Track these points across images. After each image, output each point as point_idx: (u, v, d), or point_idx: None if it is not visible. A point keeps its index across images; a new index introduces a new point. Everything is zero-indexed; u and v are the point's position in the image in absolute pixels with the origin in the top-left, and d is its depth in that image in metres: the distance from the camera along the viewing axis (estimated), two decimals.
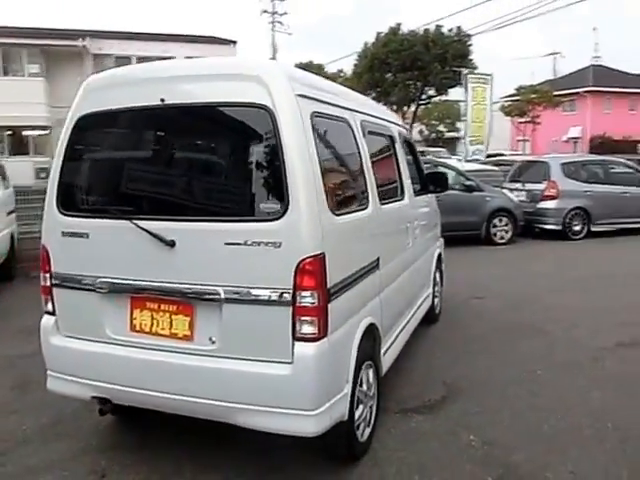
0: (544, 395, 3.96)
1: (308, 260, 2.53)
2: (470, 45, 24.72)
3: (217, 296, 2.66)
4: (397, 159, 4.31)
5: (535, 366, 4.47)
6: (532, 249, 10.62)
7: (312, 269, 2.54)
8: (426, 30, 24.78)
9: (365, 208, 3.27)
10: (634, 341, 5.06)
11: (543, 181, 11.42)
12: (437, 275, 5.67)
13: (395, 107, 27.68)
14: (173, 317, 2.80)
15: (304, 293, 2.54)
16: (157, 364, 2.81)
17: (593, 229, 11.38)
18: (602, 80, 38.33)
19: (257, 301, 2.60)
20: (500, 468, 3.03)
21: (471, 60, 24.89)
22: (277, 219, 2.55)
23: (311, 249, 2.55)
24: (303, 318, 2.56)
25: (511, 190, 11.82)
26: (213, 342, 2.72)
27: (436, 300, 5.64)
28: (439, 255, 5.79)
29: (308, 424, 2.60)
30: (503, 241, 10.76)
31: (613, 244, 10.95)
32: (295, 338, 2.57)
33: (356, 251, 3.12)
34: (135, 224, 2.75)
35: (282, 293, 2.56)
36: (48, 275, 3.09)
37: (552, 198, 11.27)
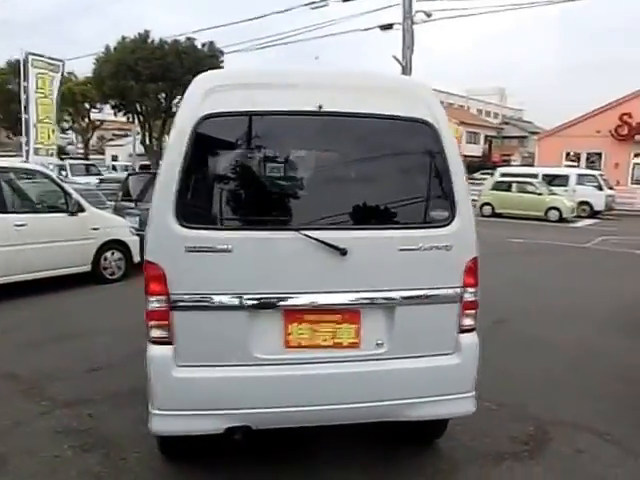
0: None
1: (472, 261, 2.89)
2: (222, 61, 25.57)
3: (392, 300, 2.78)
4: None
5: None
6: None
7: (474, 268, 2.90)
8: (176, 41, 24.73)
9: None
10: None
11: None
12: None
13: (142, 119, 26.81)
14: (337, 326, 2.78)
15: (469, 290, 2.89)
16: (319, 377, 2.76)
17: None
18: None
19: (430, 301, 2.82)
20: None
21: None
22: (447, 225, 2.83)
23: (474, 251, 2.91)
24: (467, 312, 2.90)
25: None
26: (380, 345, 2.81)
27: None
28: None
29: (469, 404, 2.95)
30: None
31: None
32: (460, 330, 2.89)
33: None
34: (305, 235, 2.65)
35: (454, 291, 2.85)
36: (163, 297, 2.66)
37: None
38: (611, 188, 22.52)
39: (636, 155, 29.12)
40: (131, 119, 28.72)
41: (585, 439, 3.68)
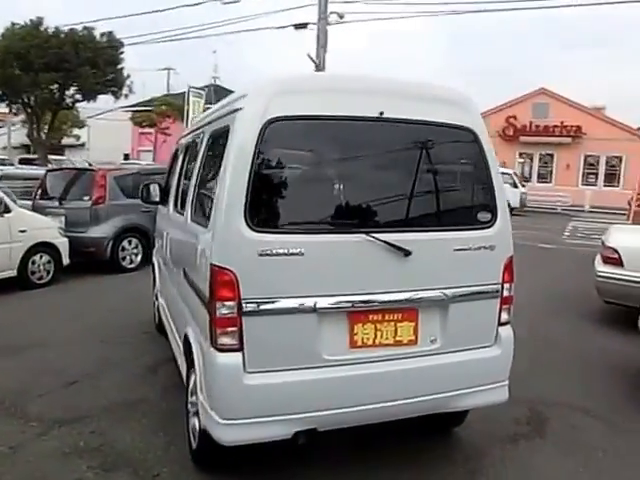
0: None
1: (509, 259, 3.12)
2: (122, 53, 24.24)
3: (446, 298, 2.92)
4: None
5: None
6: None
7: (511, 266, 3.13)
8: (72, 29, 23.03)
9: None
10: None
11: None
12: None
13: (31, 110, 24.68)
14: (398, 325, 2.87)
15: (506, 286, 3.11)
16: (381, 375, 2.83)
17: None
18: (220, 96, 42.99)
19: (477, 297, 3.01)
20: None
21: (122, 69, 24.48)
22: (490, 226, 3.03)
23: (511, 250, 3.13)
24: (504, 307, 3.12)
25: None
26: (434, 341, 2.94)
27: None
28: None
29: (505, 393, 3.17)
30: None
31: None
32: (499, 323, 3.11)
33: None
34: (373, 237, 2.72)
35: (496, 287, 3.06)
36: (233, 303, 2.59)
37: None
38: (524, 186, 24.03)
39: (520, 155, 31.91)
40: (14, 110, 26.31)
41: (575, 416, 4.09)
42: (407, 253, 2.78)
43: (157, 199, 5.16)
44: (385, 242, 2.74)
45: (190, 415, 3.20)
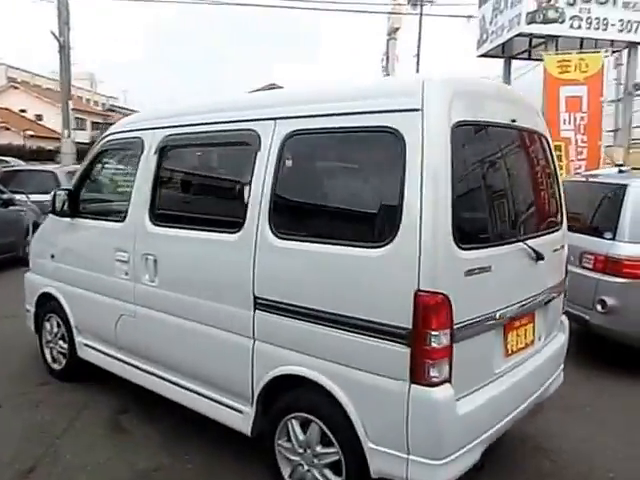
0: None
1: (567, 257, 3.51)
2: None
3: (550, 296, 3.15)
4: None
5: None
6: None
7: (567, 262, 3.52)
8: None
9: None
10: None
11: None
12: None
13: None
14: (527, 328, 2.97)
15: (566, 279, 3.50)
16: (524, 378, 2.91)
17: None
18: None
19: (560, 292, 3.33)
20: None
21: None
22: (561, 227, 3.36)
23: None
24: (565, 298, 3.50)
25: None
26: (540, 338, 3.14)
27: None
28: None
29: (562, 376, 3.54)
30: None
31: None
32: (562, 312, 3.49)
33: None
34: (527, 245, 2.77)
35: (564, 281, 3.41)
36: (448, 331, 2.34)
37: None
38: None
39: None
40: None
41: None
42: (541, 257, 2.91)
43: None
44: (532, 249, 2.83)
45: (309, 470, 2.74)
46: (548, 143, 3.30)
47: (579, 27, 10.89)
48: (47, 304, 4.55)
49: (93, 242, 4.08)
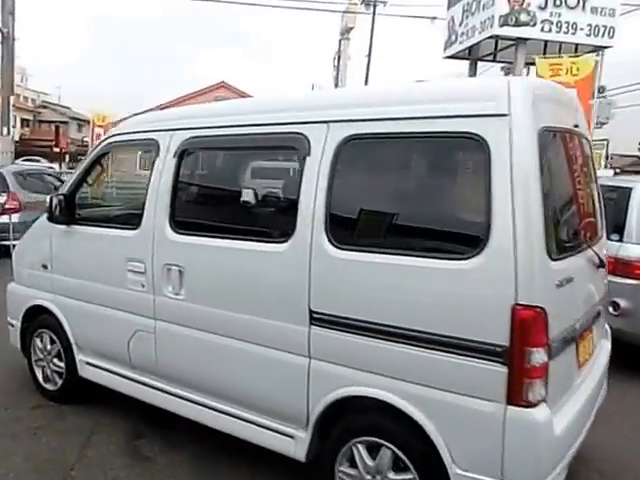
0: None
1: None
2: None
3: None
4: None
5: None
6: None
7: None
8: None
9: None
10: None
11: (2, 193, 10.10)
12: None
13: None
14: (590, 337, 2.87)
15: None
16: (593, 391, 2.81)
17: None
18: None
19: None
20: None
21: None
22: (604, 234, 3.31)
23: None
24: None
25: None
26: (596, 348, 3.05)
27: None
28: None
29: None
30: None
31: None
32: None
33: None
34: (594, 252, 2.69)
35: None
36: (545, 347, 2.20)
37: (15, 211, 10.21)
38: None
39: None
40: None
41: None
42: (603, 264, 2.83)
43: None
44: (598, 256, 2.75)
45: None
46: (590, 148, 3.23)
47: (550, 31, 11.09)
48: (37, 318, 4.13)
49: (97, 251, 3.70)
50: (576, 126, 2.75)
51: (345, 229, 2.62)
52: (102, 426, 3.67)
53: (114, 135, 3.78)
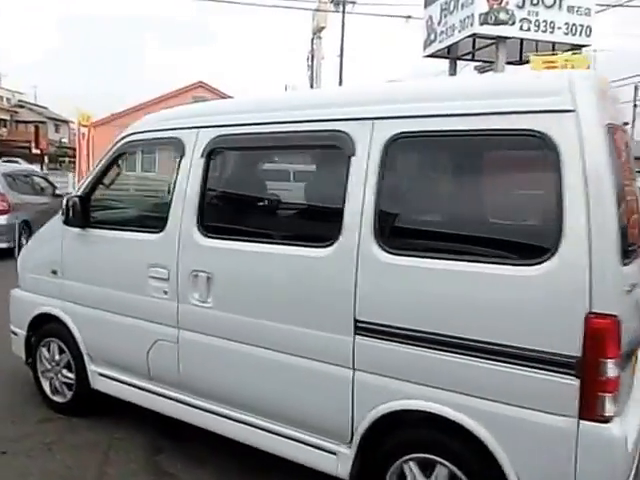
0: None
1: None
2: None
3: None
4: None
5: None
6: None
7: None
8: None
9: None
10: None
11: None
12: None
13: None
14: None
15: None
16: None
17: None
18: None
19: None
20: None
21: None
22: None
23: None
24: None
25: None
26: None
27: None
28: None
29: None
30: None
31: None
32: None
33: None
34: None
35: None
36: (619, 359, 2.08)
37: (3, 212, 9.95)
38: None
39: None
40: None
41: None
42: None
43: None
44: None
45: None
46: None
47: (528, 29, 11.13)
48: (44, 327, 3.92)
49: (115, 256, 3.50)
50: (626, 123, 2.65)
51: (397, 233, 2.48)
52: (118, 441, 3.47)
53: (130, 134, 3.59)
